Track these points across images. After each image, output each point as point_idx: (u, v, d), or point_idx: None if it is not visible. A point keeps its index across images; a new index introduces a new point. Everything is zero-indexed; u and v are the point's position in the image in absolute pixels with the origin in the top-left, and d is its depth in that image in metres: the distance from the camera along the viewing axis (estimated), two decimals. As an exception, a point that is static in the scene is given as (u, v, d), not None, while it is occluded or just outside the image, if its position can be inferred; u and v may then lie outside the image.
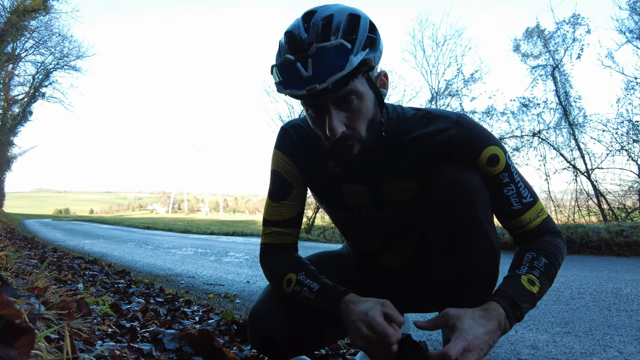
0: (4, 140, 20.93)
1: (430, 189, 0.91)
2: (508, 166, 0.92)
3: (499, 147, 0.92)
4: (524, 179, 0.95)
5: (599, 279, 3.25)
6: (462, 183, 0.88)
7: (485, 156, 0.91)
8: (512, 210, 0.94)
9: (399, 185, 0.99)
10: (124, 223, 19.23)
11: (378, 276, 1.19)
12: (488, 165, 0.91)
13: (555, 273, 0.92)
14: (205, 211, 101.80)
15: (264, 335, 1.03)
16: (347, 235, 1.21)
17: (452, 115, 0.96)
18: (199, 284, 3.34)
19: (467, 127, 0.93)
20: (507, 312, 0.83)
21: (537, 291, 0.87)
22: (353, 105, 0.84)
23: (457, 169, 0.90)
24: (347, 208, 1.07)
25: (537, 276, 0.88)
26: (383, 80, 0.92)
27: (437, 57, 11.88)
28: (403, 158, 0.97)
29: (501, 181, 0.92)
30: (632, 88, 9.03)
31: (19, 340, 0.43)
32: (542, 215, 0.95)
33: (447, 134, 0.93)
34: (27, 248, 4.94)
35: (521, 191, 0.93)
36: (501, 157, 0.92)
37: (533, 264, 0.90)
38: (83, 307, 1.32)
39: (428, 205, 0.92)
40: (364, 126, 0.87)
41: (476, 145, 0.92)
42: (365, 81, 0.86)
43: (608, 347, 1.66)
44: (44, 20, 19.12)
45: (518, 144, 10.66)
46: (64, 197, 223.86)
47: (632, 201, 9.24)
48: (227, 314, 1.74)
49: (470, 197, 0.88)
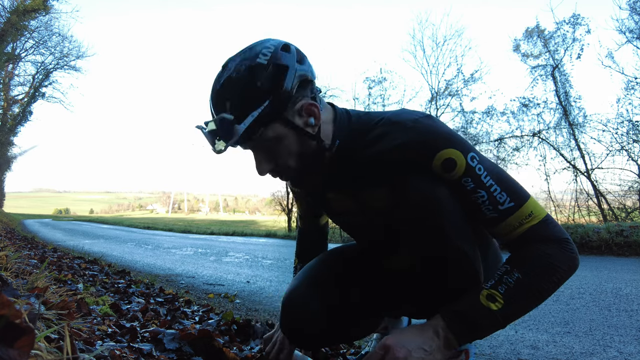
0: (4, 140, 20.92)
1: (399, 202, 0.89)
2: (470, 169, 0.83)
3: (456, 149, 0.84)
4: (504, 182, 0.85)
5: (599, 279, 3.25)
6: (425, 196, 0.85)
7: (438, 162, 0.84)
8: (487, 219, 0.85)
9: (373, 194, 0.96)
10: (124, 223, 19.23)
11: (383, 277, 1.19)
12: (444, 171, 0.84)
13: (540, 288, 0.82)
14: (205, 211, 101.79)
15: (297, 325, 1.06)
16: (349, 235, 1.22)
17: (409, 119, 0.89)
18: (199, 284, 3.34)
19: (421, 131, 0.86)
20: (447, 322, 0.83)
21: (497, 308, 0.80)
22: (272, 148, 0.89)
23: (418, 181, 0.86)
24: (336, 214, 1.10)
25: (501, 292, 0.81)
26: (309, 109, 0.88)
27: (437, 57, 11.86)
28: (368, 170, 0.94)
29: (465, 187, 0.84)
30: (632, 88, 9.02)
31: (19, 340, 0.43)
32: (530, 220, 0.83)
33: (401, 142, 0.87)
34: (27, 248, 4.93)
35: (496, 196, 0.83)
36: (459, 161, 0.83)
37: (502, 278, 0.82)
38: (83, 307, 1.32)
39: (399, 218, 0.90)
40: (291, 161, 0.91)
41: (428, 151, 0.85)
42: (280, 123, 0.86)
43: (608, 347, 1.66)
44: (44, 20, 19.11)
45: (518, 144, 10.66)
46: (64, 197, 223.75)
47: (632, 201, 9.23)
48: (227, 314, 1.74)
49: (436, 211, 0.84)
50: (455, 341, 0.83)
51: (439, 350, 0.83)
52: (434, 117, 0.91)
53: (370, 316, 1.15)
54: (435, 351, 0.83)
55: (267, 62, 0.83)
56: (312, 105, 0.89)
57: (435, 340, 0.83)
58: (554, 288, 0.83)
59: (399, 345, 0.82)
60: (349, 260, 1.23)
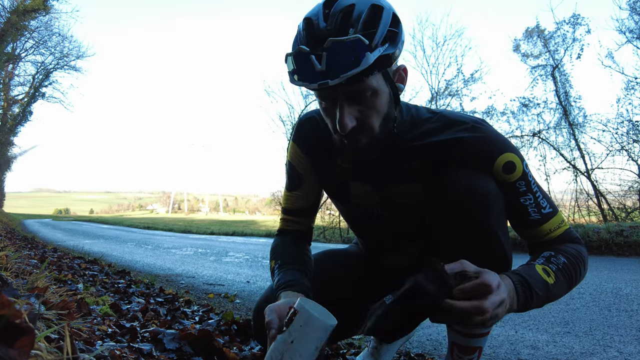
0: (4, 140, 20.92)
1: (442, 194, 0.89)
2: (525, 175, 0.89)
3: (515, 154, 0.89)
4: (543, 190, 0.92)
5: (599, 279, 3.25)
6: (475, 188, 0.86)
7: (501, 163, 0.88)
8: (530, 221, 0.90)
9: (405, 189, 0.97)
10: (124, 223, 19.23)
11: (384, 277, 1.19)
12: (504, 173, 0.88)
13: (575, 276, 0.87)
14: (205, 211, 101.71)
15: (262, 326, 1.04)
16: (356, 231, 1.21)
17: (468, 120, 0.92)
18: (199, 284, 3.34)
19: (483, 133, 0.90)
20: (516, 285, 0.78)
21: (552, 283, 0.82)
22: (366, 101, 0.82)
23: (470, 174, 0.87)
24: (352, 206, 1.07)
25: (552, 270, 0.84)
26: (401, 75, 0.88)
27: (437, 57, 11.85)
28: (413, 162, 0.94)
29: (518, 190, 0.89)
30: (632, 88, 9.01)
31: (19, 340, 0.43)
32: (563, 226, 0.92)
33: (461, 141, 0.90)
34: (27, 248, 4.93)
35: (540, 201, 0.89)
36: (518, 165, 0.88)
37: (550, 259, 0.86)
38: (83, 307, 1.32)
39: (439, 210, 0.90)
40: (377, 122, 0.84)
41: (492, 152, 0.88)
42: (382, 77, 0.82)
43: (608, 347, 1.66)
44: (44, 20, 19.11)
45: (518, 144, 10.64)
46: (64, 197, 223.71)
47: (632, 201, 9.23)
48: (227, 314, 1.74)
49: (483, 203, 0.86)
50: (516, 304, 0.77)
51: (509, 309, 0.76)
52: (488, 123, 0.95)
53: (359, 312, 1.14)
54: (509, 309, 0.76)
55: (389, 8, 0.80)
56: (405, 71, 0.88)
57: (511, 297, 0.76)
58: (581, 279, 0.91)
59: (503, 288, 0.72)
60: (342, 259, 1.24)
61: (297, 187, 1.11)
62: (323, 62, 0.75)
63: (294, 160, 1.10)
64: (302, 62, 0.77)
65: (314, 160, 1.07)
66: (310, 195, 1.12)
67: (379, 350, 1.32)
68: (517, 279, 0.79)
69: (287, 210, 1.15)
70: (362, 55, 0.73)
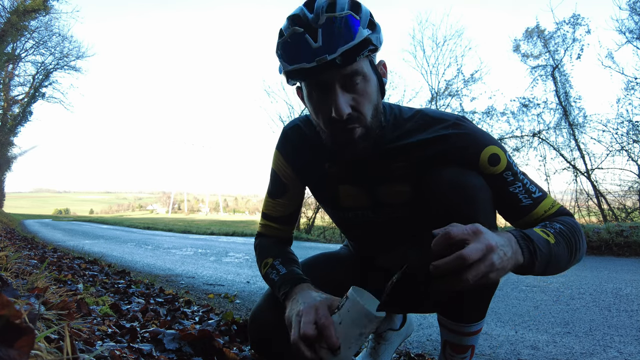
0: (4, 140, 20.93)
1: (428, 192, 0.90)
2: (510, 165, 0.91)
3: (498, 146, 0.92)
4: (529, 177, 0.94)
5: (599, 279, 3.25)
6: (462, 184, 0.87)
7: (485, 156, 0.90)
8: (523, 207, 0.91)
9: (393, 189, 0.98)
10: (124, 223, 19.22)
11: (377, 277, 1.19)
12: (490, 165, 0.90)
13: (574, 243, 0.85)
14: (205, 211, 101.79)
15: (260, 336, 1.04)
16: (347, 235, 1.21)
17: (450, 117, 0.94)
18: (199, 284, 3.34)
19: (465, 130, 0.92)
20: (518, 239, 0.75)
21: (553, 242, 0.80)
22: (358, 87, 0.84)
23: (456, 171, 0.89)
24: (342, 209, 1.08)
25: (551, 232, 0.82)
26: (383, 70, 0.92)
27: (437, 57, 11.89)
28: (399, 162, 0.96)
29: (505, 180, 0.91)
30: (632, 88, 9.03)
31: (19, 341, 0.43)
32: (556, 205, 0.93)
33: (444, 138, 0.92)
34: (27, 248, 4.93)
35: (529, 187, 0.91)
36: (502, 156, 0.90)
37: (546, 226, 0.85)
38: (83, 308, 1.32)
39: (426, 208, 0.91)
40: (369, 111, 0.86)
41: (476, 147, 0.90)
42: (369, 64, 0.86)
43: (608, 347, 1.66)
44: (44, 20, 19.14)
45: (518, 144, 10.66)
46: (64, 197, 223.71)
47: (632, 201, 9.23)
48: (227, 314, 1.74)
49: (471, 198, 0.87)
50: (522, 256, 0.75)
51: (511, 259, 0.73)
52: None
53: None
54: (510, 258, 0.73)
55: (366, 9, 0.85)
56: (385, 66, 0.92)
57: (513, 248, 0.74)
58: (581, 250, 0.89)
59: (490, 235, 0.70)
60: (332, 261, 1.24)
61: (281, 196, 1.12)
62: (319, 38, 0.77)
63: (278, 169, 1.11)
64: (296, 44, 0.80)
65: (299, 168, 1.08)
66: (293, 203, 1.14)
67: (377, 350, 1.33)
68: (517, 233, 0.77)
69: (268, 216, 1.16)
70: (356, 29, 0.77)
